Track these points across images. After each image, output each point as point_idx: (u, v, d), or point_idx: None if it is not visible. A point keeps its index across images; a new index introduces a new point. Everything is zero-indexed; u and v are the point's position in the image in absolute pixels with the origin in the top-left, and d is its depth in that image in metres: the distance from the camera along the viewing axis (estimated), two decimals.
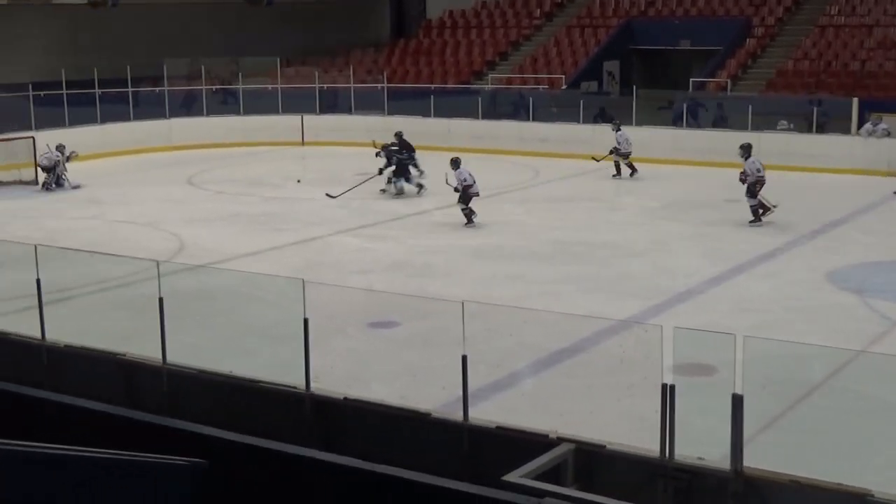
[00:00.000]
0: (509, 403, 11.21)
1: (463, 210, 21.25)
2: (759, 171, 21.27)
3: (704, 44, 38.34)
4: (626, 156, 27.27)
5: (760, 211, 21.26)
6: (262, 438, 6.03)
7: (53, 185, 26.21)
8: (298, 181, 27.00)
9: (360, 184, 24.25)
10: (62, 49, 36.51)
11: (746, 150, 21.69)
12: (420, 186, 25.00)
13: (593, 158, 27.80)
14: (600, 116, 31.65)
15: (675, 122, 31.47)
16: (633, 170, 27.36)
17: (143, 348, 11.83)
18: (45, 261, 12.84)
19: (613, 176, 27.35)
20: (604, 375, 11.72)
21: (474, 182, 21.30)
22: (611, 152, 27.39)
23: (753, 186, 21.28)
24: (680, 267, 17.98)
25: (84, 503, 4.59)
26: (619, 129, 27.48)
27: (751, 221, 21.23)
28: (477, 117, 33.20)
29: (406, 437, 9.83)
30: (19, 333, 12.79)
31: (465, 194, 21.23)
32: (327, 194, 23.93)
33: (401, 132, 26.70)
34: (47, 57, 35.41)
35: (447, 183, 21.48)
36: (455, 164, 21.66)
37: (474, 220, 21.26)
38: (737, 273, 17.62)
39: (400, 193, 24.79)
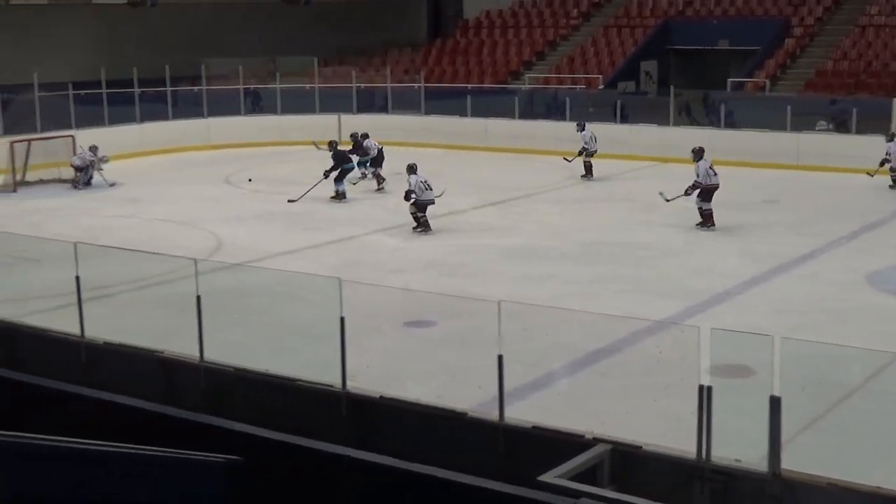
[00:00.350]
0: (545, 403, 11.19)
1: (412, 214, 20.91)
2: (697, 176, 20.94)
3: (743, 44, 38.16)
4: (590, 154, 27.27)
5: (710, 220, 20.89)
6: (297, 436, 6.04)
7: (80, 185, 26.43)
8: (249, 180, 27.35)
9: (316, 185, 24.27)
10: (102, 49, 36.82)
11: (697, 153, 21.31)
12: (363, 178, 26.18)
13: (565, 159, 27.76)
14: (624, 117, 32.00)
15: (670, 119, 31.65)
16: (588, 172, 27.38)
17: (181, 346, 11.90)
18: (83, 258, 12.94)
19: (582, 177, 27.28)
20: (640, 376, 11.67)
21: (423, 191, 20.76)
22: (580, 152, 27.32)
23: (692, 190, 21.03)
24: (717, 268, 17.88)
25: (121, 499, 4.62)
26: (583, 129, 27.49)
27: (697, 224, 20.95)
28: (514, 117, 33.17)
29: (442, 436, 9.84)
30: (59, 330, 12.91)
31: (409, 198, 20.88)
32: (289, 200, 24.07)
33: (356, 133, 27.15)
34: (87, 56, 35.72)
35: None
36: (410, 169, 21.40)
37: (426, 231, 20.75)
38: (775, 274, 17.50)
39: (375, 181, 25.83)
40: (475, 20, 44.42)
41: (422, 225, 20.84)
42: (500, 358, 9.70)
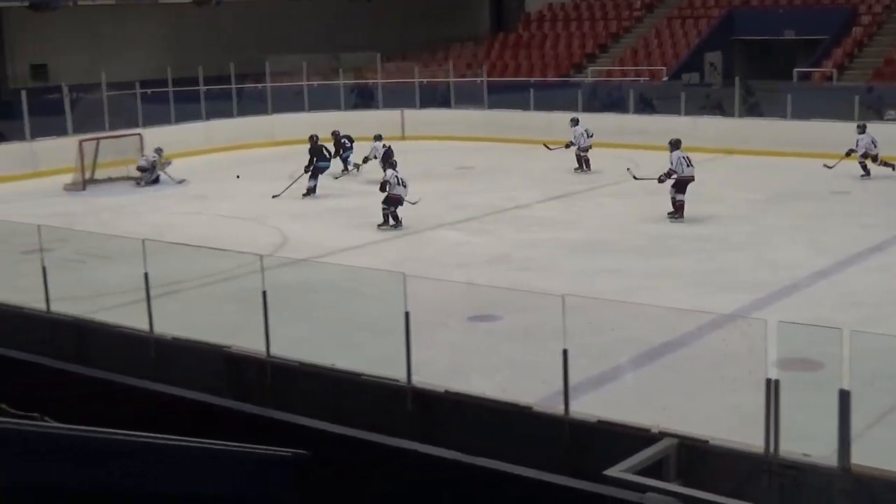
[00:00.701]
0: (611, 397, 11.14)
1: (383, 210, 20.77)
2: (671, 164, 20.97)
3: (809, 33, 37.66)
4: (583, 149, 27.29)
5: (680, 212, 20.82)
6: (363, 430, 6.08)
7: (143, 184, 26.78)
8: (238, 177, 27.61)
9: (297, 179, 24.50)
10: (168, 47, 37.26)
11: (674, 144, 21.36)
12: (349, 168, 27.62)
13: (545, 146, 27.89)
14: (650, 107, 31.78)
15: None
16: (582, 166, 27.35)
17: (248, 341, 12.02)
18: (152, 255, 13.13)
19: (575, 170, 27.25)
20: (707, 370, 11.58)
21: (395, 185, 20.64)
22: (567, 146, 27.40)
23: (665, 178, 21.08)
24: (785, 260, 17.67)
25: (190, 492, 4.69)
26: (576, 124, 27.53)
27: (669, 213, 20.95)
28: (577, 110, 32.99)
29: (507, 430, 9.85)
30: (129, 326, 13.10)
31: (384, 189, 20.81)
32: (273, 196, 24.23)
33: (337, 131, 28.10)
34: (154, 55, 36.18)
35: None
36: (390, 165, 21.55)
37: (391, 227, 20.61)
38: (844, 266, 17.26)
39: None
40: (537, 13, 44.30)
41: (390, 220, 20.75)
42: (564, 352, 9.69)
